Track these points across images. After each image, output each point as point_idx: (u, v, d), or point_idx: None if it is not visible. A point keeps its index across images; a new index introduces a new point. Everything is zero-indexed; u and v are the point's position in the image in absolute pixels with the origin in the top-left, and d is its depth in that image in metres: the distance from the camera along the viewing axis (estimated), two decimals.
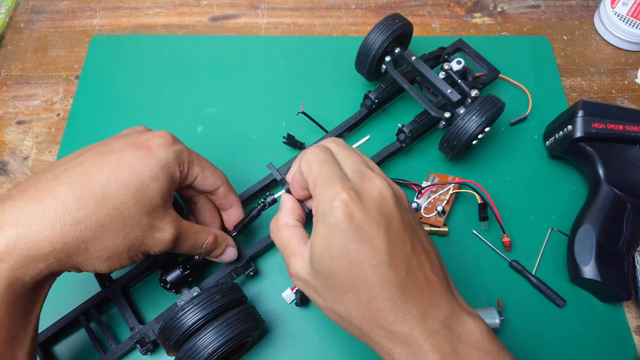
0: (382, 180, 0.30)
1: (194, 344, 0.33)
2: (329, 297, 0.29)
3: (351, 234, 0.27)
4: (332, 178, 0.29)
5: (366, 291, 0.28)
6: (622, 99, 0.54)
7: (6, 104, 0.53)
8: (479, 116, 0.41)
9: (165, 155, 0.32)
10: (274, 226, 0.33)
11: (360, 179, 0.29)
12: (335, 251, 0.28)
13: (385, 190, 0.29)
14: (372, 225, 0.27)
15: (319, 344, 0.41)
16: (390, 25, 0.45)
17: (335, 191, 0.28)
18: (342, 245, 0.27)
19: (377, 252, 0.27)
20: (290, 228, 0.33)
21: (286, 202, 0.34)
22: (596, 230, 0.42)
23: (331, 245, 0.28)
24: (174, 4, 0.60)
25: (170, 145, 0.33)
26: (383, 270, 0.27)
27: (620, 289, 0.40)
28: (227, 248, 0.39)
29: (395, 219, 0.29)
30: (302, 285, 0.32)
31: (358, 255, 0.27)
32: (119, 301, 0.40)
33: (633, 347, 0.41)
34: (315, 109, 0.49)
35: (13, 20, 0.59)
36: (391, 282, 0.27)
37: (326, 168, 0.30)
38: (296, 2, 0.60)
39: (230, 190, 0.39)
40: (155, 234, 0.32)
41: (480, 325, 0.29)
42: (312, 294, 0.31)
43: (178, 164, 0.33)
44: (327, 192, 0.28)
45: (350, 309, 0.28)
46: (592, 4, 0.61)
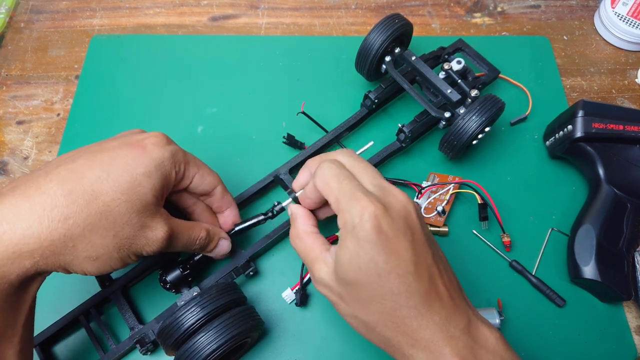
0: (403, 194, 0.31)
1: (193, 344, 0.33)
2: (354, 305, 0.30)
3: (380, 246, 0.28)
4: (355, 193, 0.30)
5: (392, 300, 0.29)
6: (622, 99, 0.54)
7: (6, 104, 0.53)
8: (479, 116, 0.41)
9: (160, 154, 0.32)
10: (294, 235, 0.34)
11: (382, 192, 0.30)
12: (363, 263, 0.29)
13: (409, 203, 0.31)
14: (399, 238, 0.29)
15: (319, 344, 0.41)
16: (390, 25, 0.45)
17: (363, 205, 0.29)
18: (370, 257, 0.28)
19: (404, 263, 0.29)
20: (312, 235, 0.34)
21: (299, 211, 0.35)
22: (596, 230, 0.42)
23: (360, 257, 0.29)
24: (174, 4, 0.60)
25: (165, 145, 0.33)
26: (409, 281, 0.29)
27: (620, 289, 0.40)
28: (220, 241, 0.39)
29: (418, 231, 0.30)
30: (325, 291, 0.32)
31: (386, 267, 0.28)
32: (119, 301, 0.40)
33: (633, 347, 0.41)
34: (315, 109, 0.49)
35: (13, 20, 0.59)
36: (416, 292, 0.29)
37: (347, 183, 0.30)
38: (296, 2, 0.60)
39: (226, 191, 0.39)
40: (147, 232, 0.32)
41: (495, 334, 0.30)
42: (336, 300, 0.32)
43: (173, 163, 0.33)
44: (354, 207, 0.29)
45: (376, 317, 0.30)
46: (592, 4, 0.61)
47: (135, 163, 0.31)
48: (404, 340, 0.29)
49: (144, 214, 0.31)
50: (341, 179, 0.31)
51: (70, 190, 0.29)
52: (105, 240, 0.30)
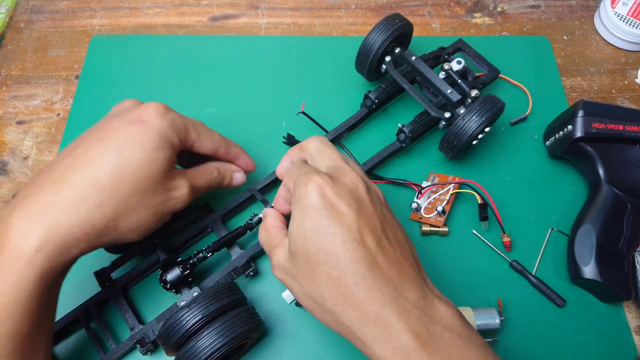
0: (356, 174, 0.31)
1: (194, 345, 0.33)
2: (304, 280, 0.30)
3: (324, 212, 0.28)
4: (308, 172, 0.31)
5: (337, 268, 0.28)
6: (622, 99, 0.54)
7: (6, 104, 0.53)
8: (479, 116, 0.41)
9: (161, 125, 0.34)
10: (261, 229, 0.35)
11: (335, 171, 0.31)
12: (308, 229, 0.29)
13: (358, 181, 0.31)
14: (343, 205, 0.29)
15: (319, 344, 0.41)
16: (390, 25, 0.45)
17: (310, 177, 0.30)
18: (315, 224, 0.29)
19: (348, 229, 0.28)
20: (276, 228, 0.34)
21: (269, 211, 0.36)
22: (596, 230, 0.42)
23: (305, 224, 0.29)
24: (174, 4, 0.60)
25: (164, 114, 0.34)
26: (353, 247, 0.28)
27: (621, 289, 0.40)
28: (233, 174, 0.41)
29: (367, 203, 0.30)
30: (281, 274, 0.32)
31: (329, 232, 0.28)
32: (119, 301, 0.40)
33: (633, 347, 0.41)
34: (315, 109, 0.49)
35: (13, 20, 0.59)
36: (361, 259, 0.28)
37: (304, 168, 0.32)
38: (296, 2, 0.60)
39: (229, 146, 0.40)
40: (174, 193, 0.35)
41: (451, 310, 0.29)
42: (290, 281, 0.32)
43: (174, 131, 0.35)
44: (302, 180, 0.30)
45: (324, 289, 0.29)
46: (592, 4, 0.61)
47: (143, 139, 0.33)
48: (353, 316, 0.28)
49: (165, 180, 0.34)
50: (300, 166, 0.33)
51: (95, 179, 0.31)
52: (140, 212, 0.33)
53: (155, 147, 0.33)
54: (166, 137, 0.34)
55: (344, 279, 0.28)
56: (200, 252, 0.40)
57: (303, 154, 0.35)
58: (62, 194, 0.31)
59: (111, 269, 0.41)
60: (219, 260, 0.44)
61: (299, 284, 0.31)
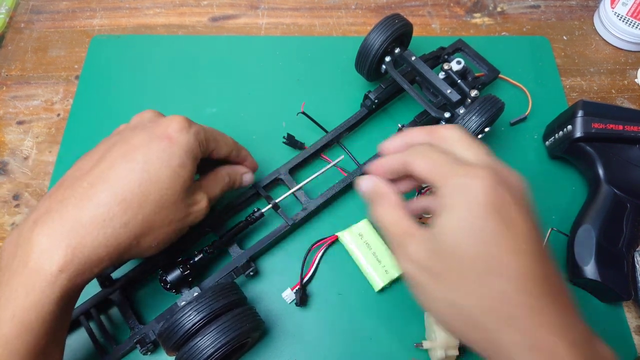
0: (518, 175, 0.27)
1: (194, 345, 0.33)
2: (450, 284, 0.25)
3: (496, 213, 0.24)
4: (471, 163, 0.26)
5: (504, 281, 0.24)
6: (621, 99, 0.54)
7: (6, 104, 0.53)
8: (478, 116, 0.42)
9: (187, 141, 0.33)
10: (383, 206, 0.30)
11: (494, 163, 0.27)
12: (475, 229, 0.24)
13: (523, 182, 0.27)
14: (519, 210, 0.25)
15: (319, 344, 0.41)
16: (390, 26, 0.45)
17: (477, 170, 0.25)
18: (484, 224, 0.24)
19: (523, 239, 0.24)
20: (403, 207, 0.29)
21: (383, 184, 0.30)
22: (596, 231, 0.42)
23: (469, 222, 0.24)
24: (174, 4, 0.60)
25: (188, 129, 0.34)
26: (527, 261, 0.24)
27: (620, 289, 0.40)
28: (242, 176, 0.41)
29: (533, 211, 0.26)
30: (414, 270, 0.27)
31: (501, 238, 0.24)
32: (119, 301, 0.40)
33: (633, 347, 0.41)
34: (315, 109, 0.49)
35: (13, 21, 0.59)
36: (535, 276, 0.24)
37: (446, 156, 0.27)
38: (296, 3, 0.60)
39: (240, 149, 0.41)
40: (194, 208, 0.35)
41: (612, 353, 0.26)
42: (425, 279, 0.27)
43: (199, 144, 0.35)
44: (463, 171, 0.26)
45: (478, 301, 0.24)
46: (591, 4, 0.61)
47: (169, 156, 0.32)
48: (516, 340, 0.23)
49: (188, 196, 0.34)
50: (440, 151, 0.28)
51: (122, 198, 0.30)
52: (163, 230, 0.33)
53: (181, 163, 0.33)
54: (191, 152, 0.33)
55: (509, 295, 0.24)
56: (201, 252, 0.40)
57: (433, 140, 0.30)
58: (88, 212, 0.30)
59: (111, 269, 0.41)
60: (219, 260, 0.44)
61: (440, 285, 0.26)
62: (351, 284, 0.43)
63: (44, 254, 0.29)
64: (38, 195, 0.47)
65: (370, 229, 0.43)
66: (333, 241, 0.44)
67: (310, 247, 0.43)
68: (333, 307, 0.42)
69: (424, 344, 0.39)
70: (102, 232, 0.30)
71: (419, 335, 0.40)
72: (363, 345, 0.40)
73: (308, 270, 0.43)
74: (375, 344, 0.40)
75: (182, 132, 0.33)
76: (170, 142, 0.33)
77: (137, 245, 0.32)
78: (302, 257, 0.43)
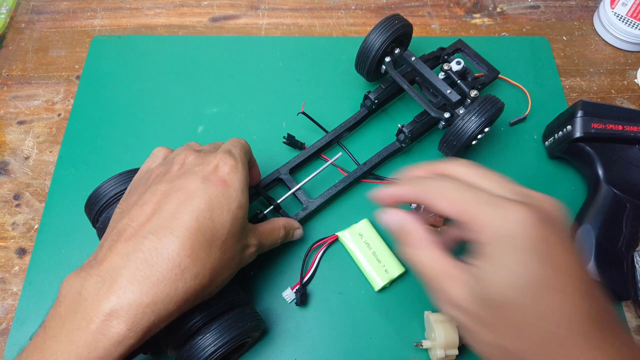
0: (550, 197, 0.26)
1: (194, 344, 0.33)
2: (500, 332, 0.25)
3: (543, 258, 0.23)
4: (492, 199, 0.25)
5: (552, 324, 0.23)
6: (621, 99, 0.54)
7: (7, 104, 0.53)
8: (478, 116, 0.42)
9: (240, 180, 0.33)
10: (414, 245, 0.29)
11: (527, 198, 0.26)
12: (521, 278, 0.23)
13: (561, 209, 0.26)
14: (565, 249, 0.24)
15: (319, 344, 0.41)
16: (390, 26, 0.45)
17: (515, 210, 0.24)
18: (531, 271, 0.23)
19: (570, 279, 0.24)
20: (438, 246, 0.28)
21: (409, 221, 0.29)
22: (595, 230, 0.42)
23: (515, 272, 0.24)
24: (174, 4, 0.60)
25: (239, 166, 0.33)
26: (575, 301, 0.23)
27: (620, 289, 0.40)
28: (295, 231, 0.41)
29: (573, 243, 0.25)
30: (459, 315, 0.27)
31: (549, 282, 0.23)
32: None
33: None
34: (315, 109, 0.49)
35: (14, 21, 0.59)
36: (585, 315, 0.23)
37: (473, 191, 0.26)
38: (296, 3, 0.61)
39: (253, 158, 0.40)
40: (247, 251, 0.35)
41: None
42: (473, 326, 0.26)
43: (247, 178, 0.34)
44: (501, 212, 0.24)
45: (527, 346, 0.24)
46: (591, 4, 0.61)
47: (227, 200, 0.31)
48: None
49: (244, 238, 0.34)
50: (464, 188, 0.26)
51: (191, 248, 0.29)
52: (225, 275, 0.33)
53: (239, 205, 0.32)
54: (246, 189, 0.33)
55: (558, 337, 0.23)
56: None
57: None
58: (157, 267, 0.28)
59: None
60: None
61: (489, 332, 0.25)
62: (351, 283, 0.43)
63: (112, 314, 0.27)
64: (39, 195, 0.48)
65: (370, 228, 0.43)
66: (333, 241, 0.44)
67: (310, 246, 0.44)
68: (333, 307, 0.42)
69: (423, 343, 0.39)
70: (174, 287, 0.29)
71: (419, 334, 0.41)
72: (363, 344, 0.41)
73: (308, 270, 0.43)
74: (375, 343, 0.41)
75: (234, 172, 0.33)
76: (226, 186, 0.32)
77: (202, 295, 0.31)
78: (302, 257, 0.43)
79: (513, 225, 0.24)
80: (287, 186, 0.45)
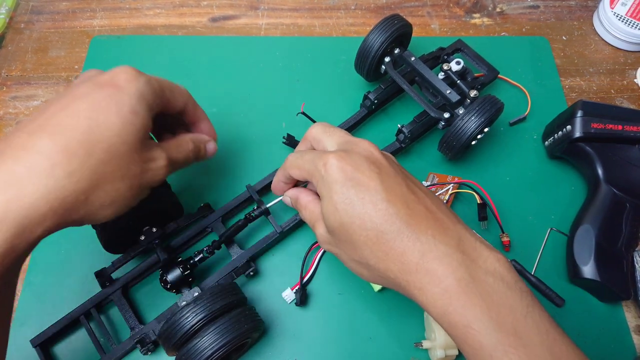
0: (367, 142, 0.32)
1: (194, 345, 0.33)
2: (346, 248, 0.31)
3: (348, 183, 0.30)
4: (320, 153, 0.32)
5: (374, 229, 0.29)
6: (621, 99, 0.54)
7: (6, 105, 0.53)
8: (478, 116, 0.42)
9: (137, 87, 0.31)
10: (300, 208, 0.36)
11: (345, 145, 0.33)
12: (338, 202, 0.30)
13: (372, 147, 0.32)
14: (364, 172, 0.30)
15: (319, 344, 0.41)
16: (390, 26, 0.45)
17: (325, 156, 0.31)
18: (343, 195, 0.30)
19: (375, 192, 0.30)
20: (312, 202, 0.35)
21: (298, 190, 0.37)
22: (595, 230, 0.42)
23: (333, 199, 0.30)
24: (174, 4, 0.60)
25: (138, 77, 0.32)
26: (384, 206, 0.29)
27: (620, 289, 0.40)
28: (206, 145, 0.39)
29: (385, 165, 0.31)
30: (327, 246, 0.34)
31: (358, 199, 0.29)
32: (119, 301, 0.40)
33: (632, 347, 0.41)
34: (315, 109, 0.49)
35: (13, 21, 0.59)
36: (394, 215, 0.29)
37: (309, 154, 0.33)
38: (296, 3, 0.61)
39: (196, 104, 0.39)
40: (151, 164, 0.32)
41: (495, 254, 0.29)
42: (336, 250, 0.33)
43: (152, 92, 0.32)
44: (318, 162, 0.31)
45: (366, 252, 0.30)
46: (591, 4, 0.61)
47: (118, 103, 0.30)
48: (396, 268, 0.29)
49: (142, 149, 0.31)
50: (303, 154, 0.34)
51: (65, 145, 0.27)
52: (115, 185, 0.29)
53: (132, 110, 0.30)
54: (143, 99, 0.31)
55: (381, 237, 0.29)
56: (201, 252, 0.40)
57: (307, 143, 0.36)
58: (26, 161, 0.26)
59: (111, 269, 0.41)
60: (219, 260, 0.44)
61: (343, 251, 0.32)
62: (351, 284, 0.43)
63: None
64: None
65: None
66: None
67: (310, 247, 0.43)
68: (333, 307, 0.42)
69: (423, 343, 0.39)
70: (42, 183, 0.26)
71: (419, 335, 0.41)
72: (363, 345, 0.41)
73: (308, 270, 0.43)
74: (375, 344, 0.41)
75: (130, 80, 0.31)
76: (117, 89, 0.30)
77: (85, 202, 0.28)
78: (302, 257, 0.43)
79: (327, 169, 0.31)
80: None
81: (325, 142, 0.34)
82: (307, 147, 0.37)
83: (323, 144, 0.34)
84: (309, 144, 0.36)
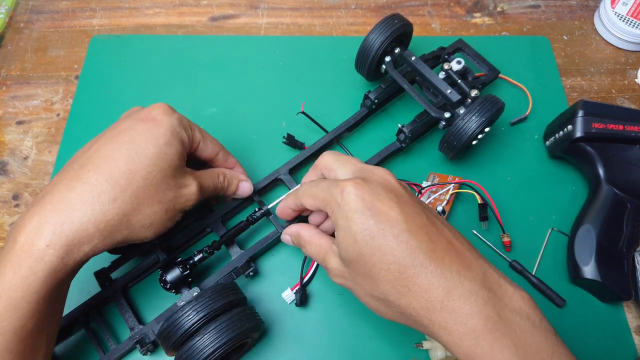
0: (382, 169, 0.32)
1: (193, 344, 0.33)
2: (365, 282, 0.30)
3: (367, 213, 0.29)
4: (337, 181, 0.31)
5: (395, 263, 0.28)
6: (622, 99, 0.54)
7: (6, 104, 0.53)
8: (478, 116, 0.41)
9: (170, 122, 0.34)
10: (304, 244, 0.36)
11: (361, 173, 0.32)
12: (357, 233, 0.29)
13: (388, 175, 0.32)
14: (383, 201, 0.29)
15: (319, 344, 0.41)
16: (390, 26, 0.45)
17: (342, 184, 0.30)
18: (362, 226, 0.29)
19: (396, 223, 0.29)
20: (316, 235, 0.35)
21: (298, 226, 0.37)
22: (596, 230, 0.42)
23: (352, 229, 0.29)
24: (173, 4, 0.60)
25: (171, 113, 0.35)
26: (406, 238, 0.28)
27: (620, 289, 0.40)
28: (240, 183, 0.41)
29: (403, 194, 0.31)
30: (341, 280, 0.33)
31: (379, 230, 0.28)
32: (119, 301, 0.40)
33: (633, 347, 0.41)
34: (315, 109, 0.49)
35: (13, 20, 0.59)
36: (417, 248, 0.28)
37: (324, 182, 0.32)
38: (296, 2, 0.60)
39: (228, 154, 0.41)
40: (184, 190, 0.35)
41: (520, 292, 0.28)
42: (351, 285, 0.32)
43: (183, 128, 0.35)
44: (335, 190, 0.30)
45: (386, 287, 0.29)
46: (592, 3, 0.61)
47: (154, 135, 0.33)
48: (420, 305, 0.28)
49: (177, 176, 0.34)
50: (318, 183, 0.33)
51: (109, 174, 0.31)
52: (153, 208, 0.33)
53: (167, 141, 0.33)
54: (176, 132, 0.34)
55: (404, 271, 0.28)
56: (200, 252, 0.40)
57: (317, 172, 0.36)
58: (77, 190, 0.31)
59: (111, 269, 0.41)
60: (218, 260, 0.44)
61: (360, 286, 0.31)
62: None
63: (32, 231, 0.29)
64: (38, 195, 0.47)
65: None
66: None
67: None
68: (333, 307, 0.42)
69: (424, 344, 0.39)
70: (90, 208, 0.30)
71: (419, 335, 0.40)
72: (363, 345, 0.40)
73: (308, 270, 0.43)
74: (375, 344, 0.40)
75: (164, 114, 0.35)
76: (154, 123, 0.34)
77: (127, 224, 0.32)
78: (302, 257, 0.43)
79: (345, 196, 0.30)
80: (287, 186, 0.45)
81: (337, 170, 0.34)
82: (318, 175, 0.36)
83: (335, 172, 0.34)
84: (320, 173, 0.36)
